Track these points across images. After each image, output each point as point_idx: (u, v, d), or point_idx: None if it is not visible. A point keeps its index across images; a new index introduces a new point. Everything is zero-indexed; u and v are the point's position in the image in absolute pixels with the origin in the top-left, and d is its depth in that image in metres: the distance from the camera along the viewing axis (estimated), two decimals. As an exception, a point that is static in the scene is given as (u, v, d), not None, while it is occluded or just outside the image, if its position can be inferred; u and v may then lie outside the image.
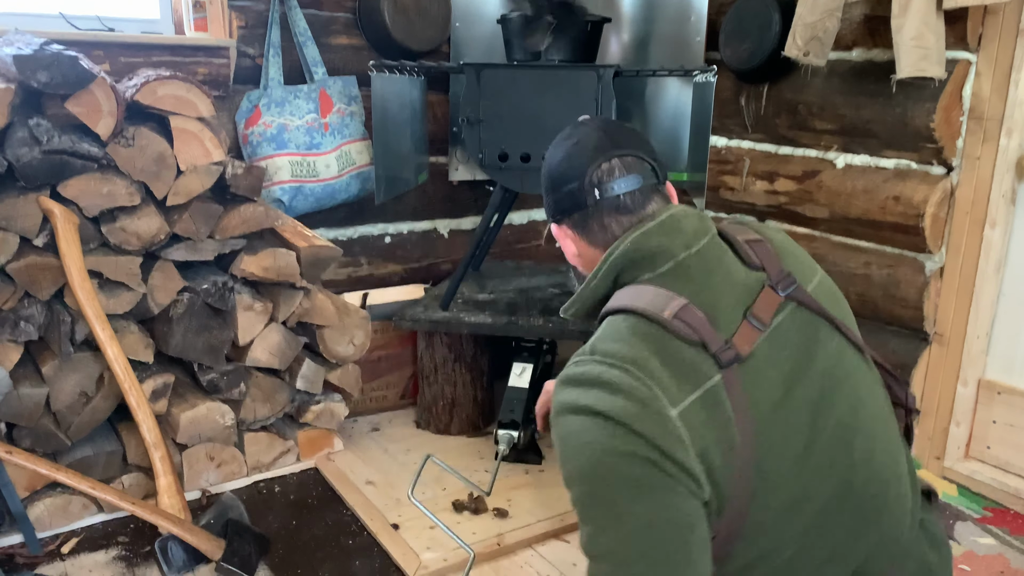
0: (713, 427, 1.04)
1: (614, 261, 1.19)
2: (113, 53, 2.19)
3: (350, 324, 2.24)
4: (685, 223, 1.18)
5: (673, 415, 1.02)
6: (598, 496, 1.05)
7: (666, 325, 1.07)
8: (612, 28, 2.88)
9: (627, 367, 1.05)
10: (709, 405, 1.04)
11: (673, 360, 1.06)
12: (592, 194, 1.21)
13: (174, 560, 1.77)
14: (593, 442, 1.04)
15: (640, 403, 1.03)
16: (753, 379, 1.07)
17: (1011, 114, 2.04)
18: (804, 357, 1.12)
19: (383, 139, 2.27)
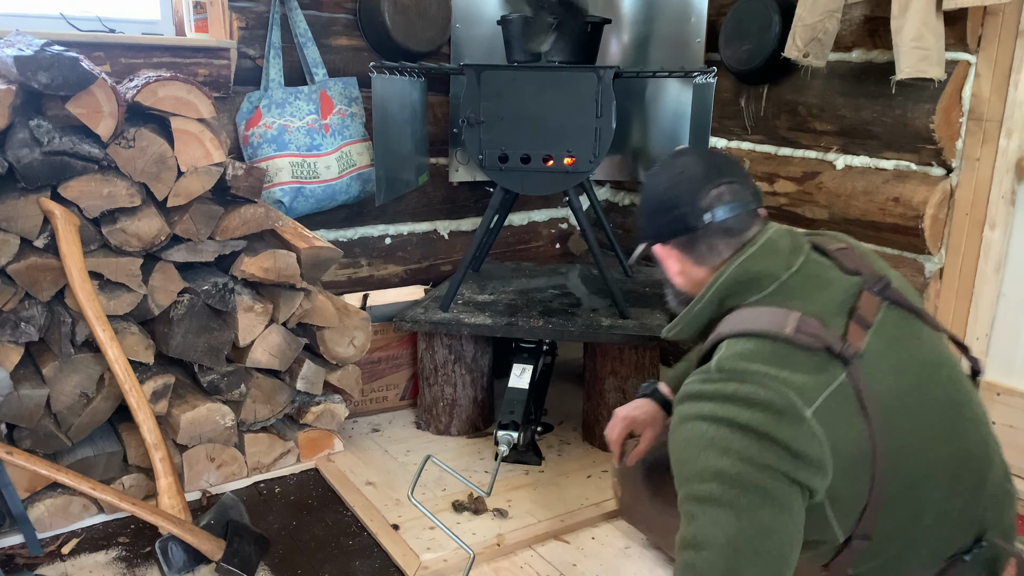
0: (845, 419, 1.16)
1: (720, 286, 1.30)
2: (114, 54, 2.20)
3: (350, 325, 2.24)
4: (782, 244, 1.30)
5: (808, 415, 1.13)
6: (724, 499, 1.13)
7: (790, 340, 1.19)
8: (612, 29, 2.88)
9: (760, 380, 1.16)
10: (840, 400, 1.16)
11: (801, 367, 1.17)
12: (702, 218, 1.32)
13: (174, 561, 1.77)
14: (730, 449, 1.14)
15: (777, 413, 1.13)
16: (871, 372, 1.19)
17: (1011, 115, 2.04)
18: (907, 348, 1.26)
19: (383, 140, 2.27)
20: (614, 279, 2.40)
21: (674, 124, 2.82)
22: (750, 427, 1.14)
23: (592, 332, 2.31)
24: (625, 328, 2.31)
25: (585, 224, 2.38)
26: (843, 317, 1.22)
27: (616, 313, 2.41)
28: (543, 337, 2.34)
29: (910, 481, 1.21)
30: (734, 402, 1.16)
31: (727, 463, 1.14)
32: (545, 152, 2.31)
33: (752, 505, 1.12)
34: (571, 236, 3.41)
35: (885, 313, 1.26)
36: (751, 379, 1.17)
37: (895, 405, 1.20)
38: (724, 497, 1.13)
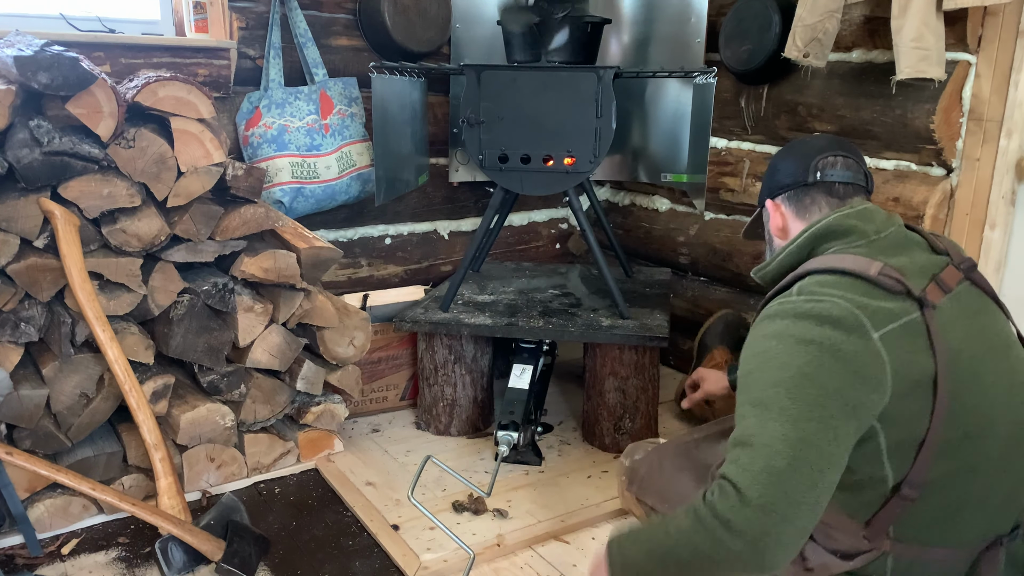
0: (913, 350, 1.23)
1: (813, 232, 1.40)
2: (114, 54, 2.20)
3: (350, 325, 2.24)
4: (878, 216, 1.40)
5: (875, 337, 1.21)
6: (776, 404, 1.19)
7: (873, 280, 1.27)
8: (612, 29, 2.88)
9: (834, 300, 1.24)
10: (910, 333, 1.24)
11: (878, 299, 1.25)
12: (813, 175, 1.45)
13: (174, 561, 1.77)
14: (792, 363, 1.21)
15: (845, 330, 1.21)
16: (943, 324, 1.26)
17: (1011, 115, 2.04)
18: (980, 320, 1.34)
19: (383, 140, 2.27)
20: (614, 279, 2.40)
21: (674, 124, 2.82)
22: (815, 342, 1.21)
23: (592, 332, 2.31)
24: (625, 328, 2.31)
25: (585, 224, 2.38)
26: (925, 279, 1.30)
27: (616, 313, 2.41)
28: (543, 337, 2.34)
29: (966, 433, 1.25)
30: (806, 319, 1.24)
31: (787, 374, 1.20)
32: (545, 152, 2.31)
33: (801, 415, 1.17)
34: (571, 236, 3.41)
35: (965, 287, 1.35)
36: (827, 299, 1.25)
37: (962, 360, 1.25)
38: (777, 403, 1.19)
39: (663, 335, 2.26)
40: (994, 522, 1.32)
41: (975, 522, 1.31)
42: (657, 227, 3.12)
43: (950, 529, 1.30)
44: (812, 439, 1.16)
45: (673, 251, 3.05)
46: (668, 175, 2.85)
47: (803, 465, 1.14)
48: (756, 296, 2.74)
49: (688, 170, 2.54)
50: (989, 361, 1.30)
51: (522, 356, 2.37)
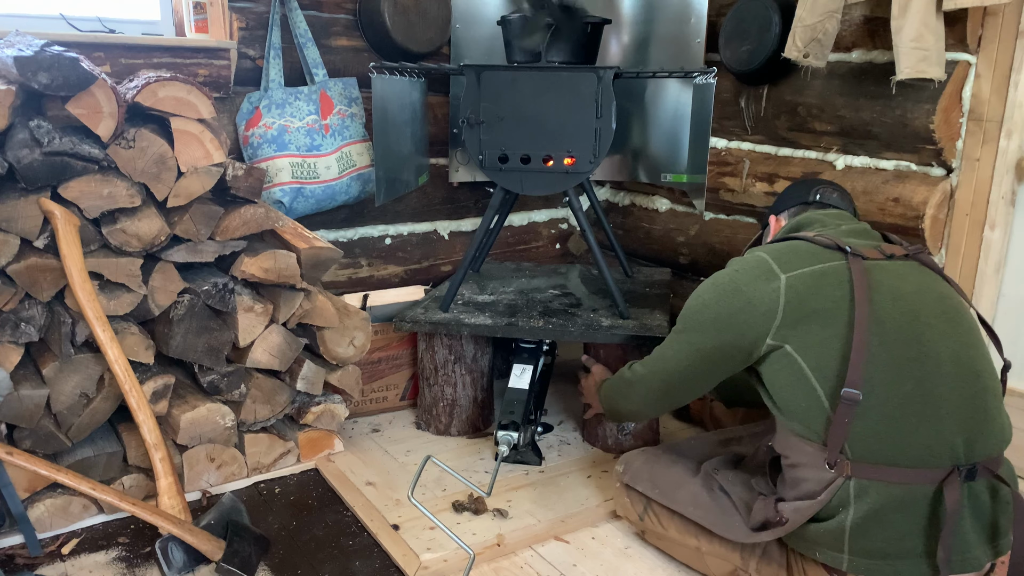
0: (821, 287, 1.51)
1: (792, 223, 1.73)
2: (114, 55, 2.20)
3: (350, 325, 2.24)
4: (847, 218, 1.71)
5: (782, 277, 1.53)
6: (683, 332, 1.69)
7: (807, 239, 1.60)
8: (612, 29, 2.88)
9: (754, 255, 1.60)
10: (825, 274, 1.52)
11: (803, 251, 1.57)
12: (813, 196, 1.83)
13: (174, 561, 1.77)
14: (702, 297, 1.64)
15: (753, 275, 1.56)
16: (871, 270, 1.52)
17: (1011, 115, 2.04)
18: (917, 277, 1.56)
19: (383, 141, 2.27)
20: (614, 279, 2.40)
21: (674, 124, 2.82)
22: (724, 282, 1.60)
23: (592, 332, 2.31)
24: (625, 328, 2.31)
25: (585, 224, 2.38)
26: (870, 246, 1.58)
27: (616, 313, 2.42)
28: (543, 337, 2.34)
29: (904, 355, 1.45)
30: (732, 265, 1.62)
31: (693, 306, 1.66)
32: (545, 152, 2.31)
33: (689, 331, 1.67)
34: (571, 236, 3.41)
35: (909, 262, 1.59)
36: (753, 252, 1.62)
37: (892, 297, 1.49)
38: (685, 317, 1.68)
39: (663, 335, 2.26)
40: (947, 445, 1.42)
41: (925, 439, 1.42)
42: (657, 227, 3.12)
43: (901, 443, 1.42)
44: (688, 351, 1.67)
45: (673, 251, 3.05)
46: (668, 175, 2.85)
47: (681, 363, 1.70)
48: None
49: (688, 170, 2.54)
50: (925, 305, 1.50)
51: (522, 356, 2.37)
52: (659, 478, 1.84)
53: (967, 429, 1.44)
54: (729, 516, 1.66)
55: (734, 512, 1.65)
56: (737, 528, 1.63)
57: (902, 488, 1.42)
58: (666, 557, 1.88)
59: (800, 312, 1.50)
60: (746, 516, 1.63)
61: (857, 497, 1.43)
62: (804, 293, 1.51)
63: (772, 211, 1.90)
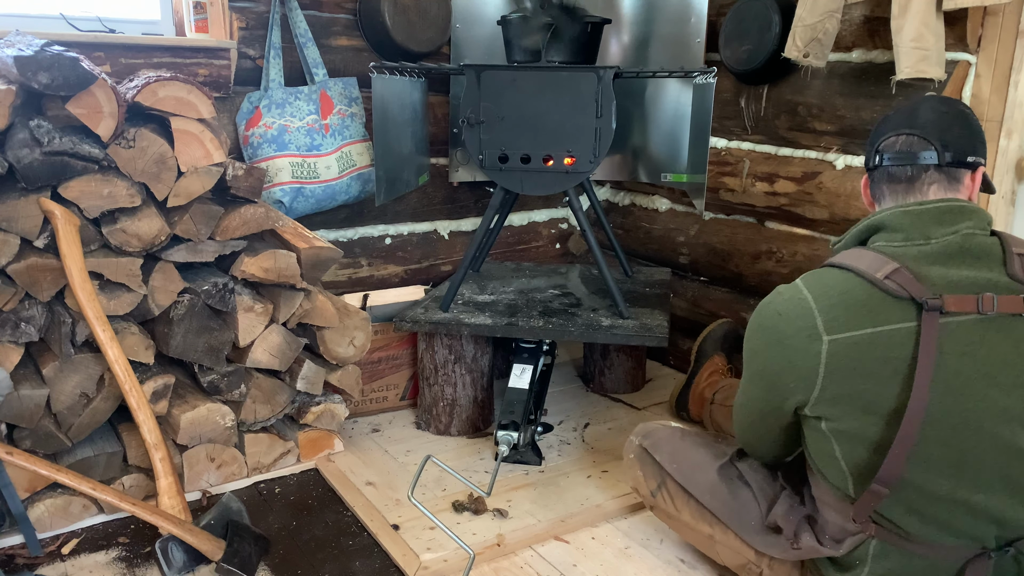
0: (878, 364, 1.25)
1: (867, 224, 1.40)
2: (114, 54, 2.20)
3: (350, 325, 2.24)
4: (945, 218, 1.31)
5: (826, 339, 1.28)
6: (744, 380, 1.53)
7: (876, 283, 1.27)
8: (612, 29, 2.88)
9: (803, 296, 1.34)
10: (882, 342, 1.24)
11: (858, 302, 1.28)
12: (874, 160, 1.42)
13: (174, 561, 1.77)
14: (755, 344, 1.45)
15: (794, 324, 1.33)
16: (949, 335, 1.22)
17: (1011, 115, 2.04)
18: (1006, 348, 1.24)
19: (384, 140, 2.27)
20: (614, 279, 2.40)
21: (674, 124, 2.82)
22: (771, 329, 1.39)
23: (592, 332, 2.31)
24: (625, 328, 2.31)
25: (585, 224, 2.38)
26: (960, 291, 1.24)
27: (616, 313, 2.42)
28: (543, 337, 2.34)
29: (946, 442, 1.25)
30: (780, 305, 1.38)
31: (746, 350, 1.48)
32: (545, 152, 2.31)
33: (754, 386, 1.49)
34: (571, 236, 3.41)
35: (1019, 322, 1.24)
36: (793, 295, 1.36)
37: (956, 377, 1.23)
38: (744, 376, 1.52)
39: (663, 335, 2.26)
40: (978, 530, 1.31)
41: (956, 524, 1.31)
42: (657, 227, 3.12)
43: (930, 523, 1.32)
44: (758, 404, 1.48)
45: (673, 251, 3.05)
46: (668, 175, 2.85)
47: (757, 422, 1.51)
48: (756, 297, 2.74)
49: (688, 170, 2.54)
50: (1003, 385, 1.24)
51: (522, 356, 2.37)
52: (680, 455, 1.74)
53: (1005, 516, 1.31)
54: (746, 512, 1.59)
55: (753, 506, 1.58)
56: (752, 528, 1.57)
57: (925, 560, 1.34)
58: (666, 558, 1.88)
59: (839, 389, 1.28)
60: (765, 509, 1.56)
61: (876, 557, 1.37)
62: (847, 367, 1.26)
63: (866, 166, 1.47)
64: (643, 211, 3.20)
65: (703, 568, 1.84)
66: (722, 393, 2.35)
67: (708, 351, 2.60)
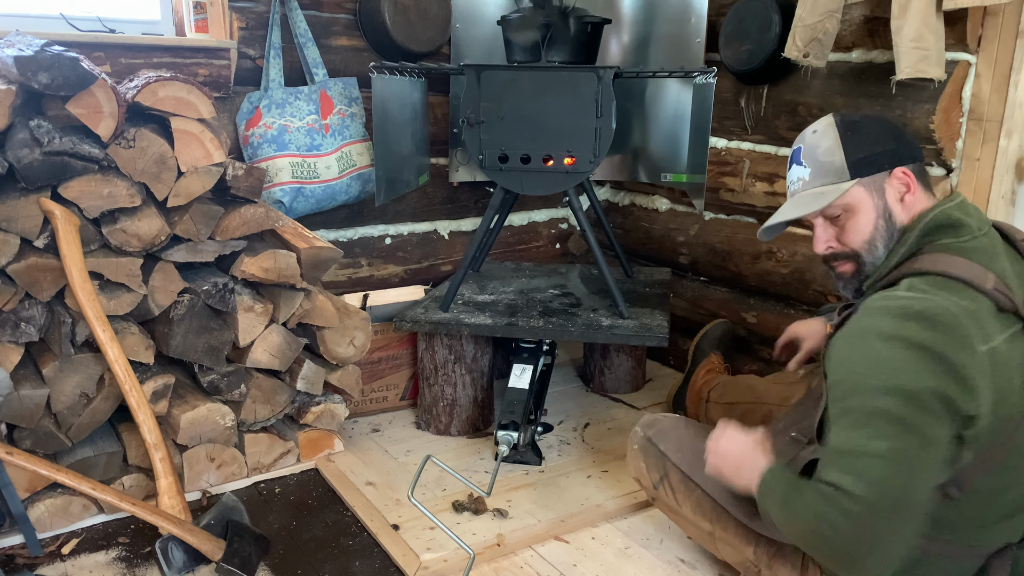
0: (1012, 368, 1.23)
1: (928, 223, 1.35)
2: (114, 54, 2.20)
3: (350, 325, 2.24)
4: (971, 208, 1.37)
5: (983, 350, 1.20)
6: (894, 414, 1.18)
7: (988, 294, 1.24)
8: (612, 29, 2.88)
9: (947, 305, 1.21)
10: (1012, 350, 1.23)
11: (988, 314, 1.24)
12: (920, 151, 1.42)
13: (174, 561, 1.77)
14: (906, 369, 1.19)
15: (956, 338, 1.19)
16: None
17: (1011, 115, 2.04)
18: None
19: (384, 140, 2.27)
20: (614, 279, 2.40)
21: (674, 124, 2.82)
22: (925, 347, 1.18)
23: (592, 332, 2.31)
24: (625, 328, 2.31)
25: (585, 224, 2.38)
26: (1022, 293, 1.28)
27: (616, 313, 2.42)
28: (543, 337, 2.34)
29: (1015, 449, 1.26)
30: (917, 320, 1.20)
31: (901, 380, 1.18)
32: (545, 152, 2.31)
33: (919, 423, 1.18)
34: (571, 236, 3.41)
35: None
36: (939, 301, 1.21)
37: None
38: (894, 412, 1.18)
39: (663, 335, 2.26)
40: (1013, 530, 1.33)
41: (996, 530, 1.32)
42: (657, 227, 3.12)
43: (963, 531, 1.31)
44: (930, 444, 1.18)
45: (673, 251, 3.05)
46: (668, 175, 2.85)
47: (918, 471, 1.17)
48: (755, 297, 2.74)
49: (688, 170, 2.54)
50: None
51: (522, 356, 2.37)
52: (686, 444, 1.70)
53: None
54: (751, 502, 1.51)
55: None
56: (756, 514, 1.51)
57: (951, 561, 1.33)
58: (666, 558, 1.88)
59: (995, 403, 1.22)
60: None
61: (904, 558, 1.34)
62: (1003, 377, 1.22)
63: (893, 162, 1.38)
64: (643, 211, 3.20)
65: (703, 568, 1.84)
66: (717, 391, 2.35)
67: (705, 350, 2.60)
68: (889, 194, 1.39)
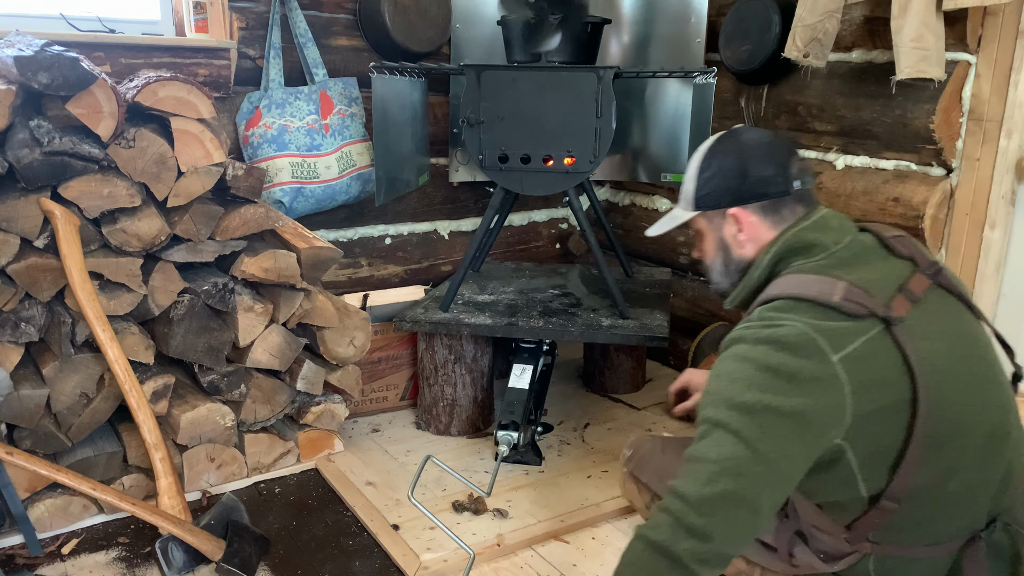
0: (882, 368, 1.22)
1: (777, 250, 1.37)
2: (114, 54, 2.20)
3: (350, 325, 2.24)
4: (832, 222, 1.39)
5: (835, 360, 1.20)
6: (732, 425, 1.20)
7: (838, 308, 1.24)
8: (612, 29, 2.88)
9: (791, 326, 1.23)
10: (875, 351, 1.22)
11: (841, 323, 1.23)
12: (792, 184, 1.39)
13: (174, 561, 1.77)
14: (752, 386, 1.21)
15: (805, 356, 1.20)
16: (912, 334, 1.25)
17: (1011, 115, 2.04)
18: (948, 321, 1.32)
19: (384, 140, 2.27)
20: (614, 279, 2.40)
21: (674, 124, 2.82)
22: (774, 368, 1.21)
23: (592, 332, 2.31)
24: (625, 328, 2.31)
25: (585, 224, 2.38)
26: (891, 290, 1.28)
27: (616, 313, 2.42)
28: (543, 337, 2.34)
29: (942, 441, 1.25)
30: (766, 343, 1.24)
31: (747, 397, 1.21)
32: (545, 152, 2.31)
33: (754, 436, 1.19)
34: (571, 236, 3.41)
35: (934, 294, 1.32)
36: (785, 323, 1.24)
37: (936, 371, 1.25)
38: (732, 424, 1.20)
39: (663, 335, 2.26)
40: (973, 518, 1.33)
41: (954, 520, 1.32)
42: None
43: (930, 529, 1.32)
44: (762, 459, 1.19)
45: (673, 251, 3.05)
46: (668, 175, 2.85)
47: (746, 479, 1.18)
48: (756, 296, 2.74)
49: (688, 170, 2.54)
50: (961, 367, 1.29)
51: (522, 356, 2.37)
52: (666, 470, 1.70)
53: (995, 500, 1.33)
54: None
55: None
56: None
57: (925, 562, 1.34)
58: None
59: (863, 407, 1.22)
60: None
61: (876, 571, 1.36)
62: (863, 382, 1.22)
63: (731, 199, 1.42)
64: (643, 211, 3.20)
65: (703, 568, 1.84)
66: None
67: (706, 351, 2.61)
68: (726, 230, 1.45)
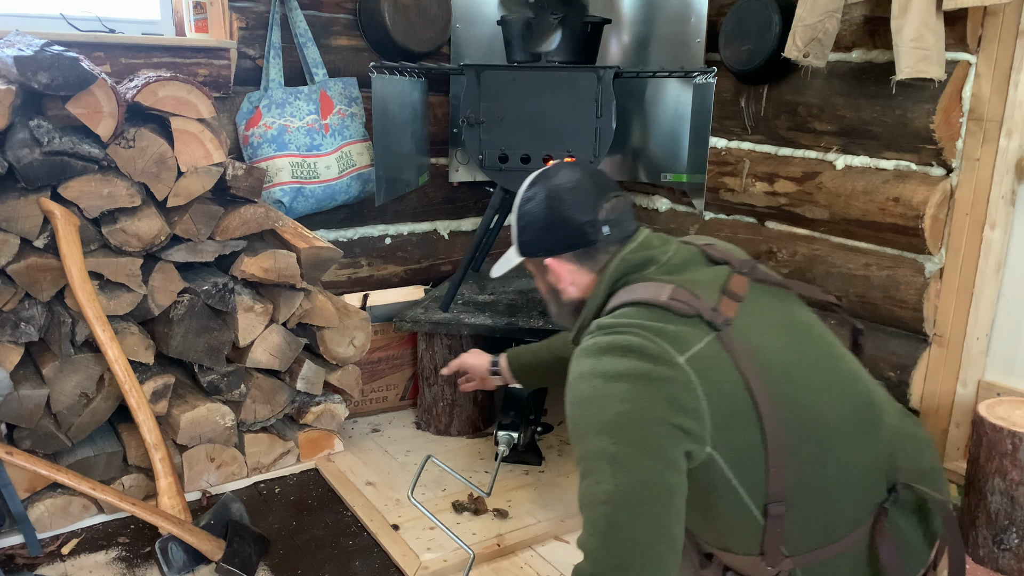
0: (720, 371, 1.20)
1: (608, 279, 1.38)
2: (114, 54, 2.20)
3: (350, 325, 2.24)
4: (654, 240, 1.42)
5: (681, 361, 1.19)
6: (606, 453, 1.15)
7: (666, 306, 1.25)
8: (612, 29, 2.88)
9: (633, 331, 1.22)
10: (712, 354, 1.21)
11: (674, 326, 1.23)
12: (601, 231, 1.40)
13: (174, 561, 1.77)
14: (609, 400, 1.18)
15: (651, 358, 1.19)
16: (743, 334, 1.25)
17: (1011, 115, 2.04)
18: (776, 312, 1.35)
19: (383, 140, 2.27)
20: (614, 279, 2.40)
21: (674, 124, 2.82)
22: (625, 374, 1.19)
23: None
24: (625, 328, 2.31)
25: (585, 224, 2.38)
26: (716, 293, 1.30)
27: (616, 313, 2.41)
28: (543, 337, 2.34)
29: (805, 431, 1.24)
30: (610, 352, 1.22)
31: (606, 418, 1.17)
32: (545, 152, 2.31)
33: (629, 457, 1.14)
34: (571, 236, 3.41)
35: (754, 290, 1.34)
36: (625, 330, 1.23)
37: (772, 360, 1.25)
38: (605, 452, 1.15)
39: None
40: (869, 496, 1.31)
41: (852, 506, 1.30)
42: (657, 227, 3.12)
43: (832, 523, 1.29)
44: (648, 478, 1.13)
45: (673, 251, 3.05)
46: (668, 175, 2.85)
47: (649, 507, 1.13)
48: (756, 296, 2.73)
49: (688, 170, 2.54)
50: (797, 356, 1.29)
51: (522, 356, 2.37)
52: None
53: (883, 469, 1.31)
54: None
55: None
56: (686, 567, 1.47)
57: (846, 556, 1.31)
58: (666, 557, 1.88)
59: (717, 410, 1.20)
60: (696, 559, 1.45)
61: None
62: (711, 383, 1.19)
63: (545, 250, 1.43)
64: (643, 211, 3.20)
65: (703, 568, 1.84)
66: None
67: None
68: (549, 276, 1.46)
